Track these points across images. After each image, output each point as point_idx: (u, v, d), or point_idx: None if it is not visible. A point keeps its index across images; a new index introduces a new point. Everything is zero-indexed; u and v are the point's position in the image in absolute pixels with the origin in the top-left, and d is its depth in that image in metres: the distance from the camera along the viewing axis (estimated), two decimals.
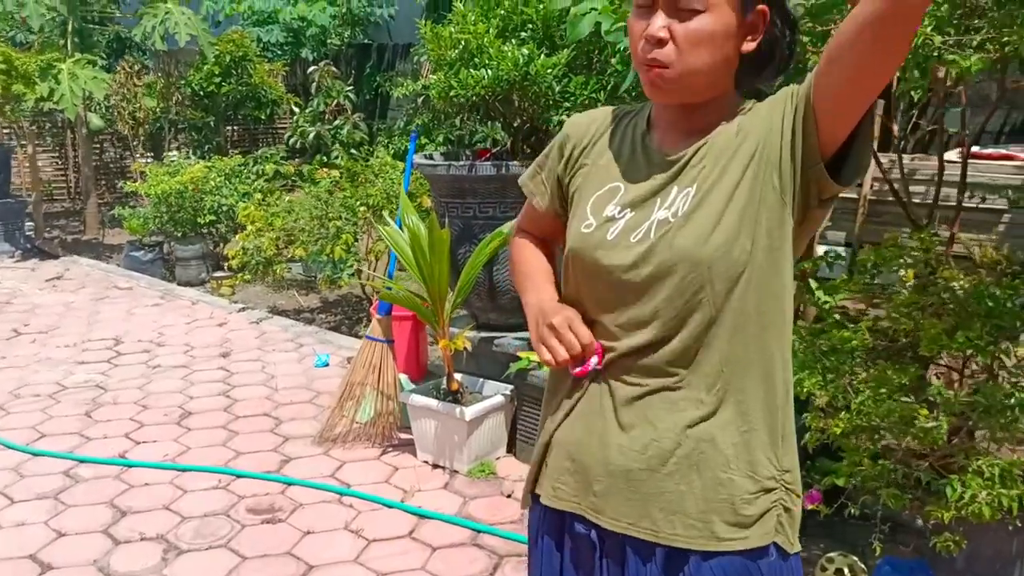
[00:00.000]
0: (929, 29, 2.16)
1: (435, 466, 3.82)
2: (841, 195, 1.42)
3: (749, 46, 1.31)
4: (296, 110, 8.87)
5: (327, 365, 5.15)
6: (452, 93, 3.73)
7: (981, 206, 4.17)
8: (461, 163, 3.86)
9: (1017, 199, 3.87)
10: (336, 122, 7.80)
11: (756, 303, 1.30)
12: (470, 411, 3.69)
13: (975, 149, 3.93)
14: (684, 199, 1.33)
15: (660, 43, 1.28)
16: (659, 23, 1.27)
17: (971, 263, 3.28)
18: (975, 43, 2.20)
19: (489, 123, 4.07)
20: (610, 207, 1.40)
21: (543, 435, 1.48)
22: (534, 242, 1.62)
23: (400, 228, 3.89)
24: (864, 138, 1.25)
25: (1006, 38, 2.13)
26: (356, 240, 5.83)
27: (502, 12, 3.84)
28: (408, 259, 3.74)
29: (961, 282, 2.70)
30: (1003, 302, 2.54)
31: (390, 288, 3.92)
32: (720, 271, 1.28)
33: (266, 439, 4.15)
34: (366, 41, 11.34)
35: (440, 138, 8.35)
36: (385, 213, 6.03)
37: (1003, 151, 4.40)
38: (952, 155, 4.07)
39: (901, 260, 2.84)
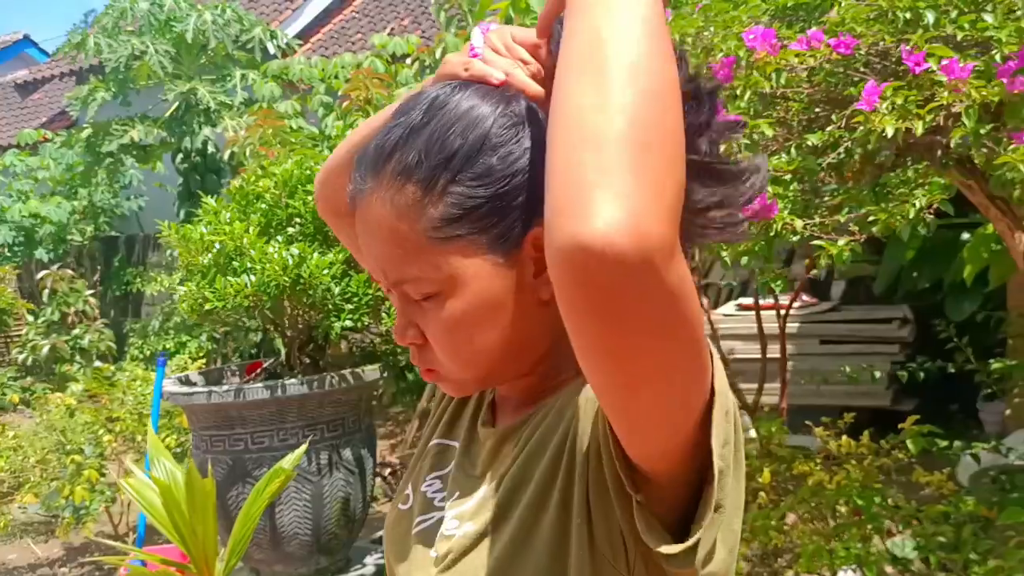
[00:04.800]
0: (787, 213, 1.81)
1: None
2: None
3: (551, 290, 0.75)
4: (32, 318, 7.76)
5: None
6: (208, 306, 3.07)
7: None
8: (225, 388, 3.16)
9: None
10: (75, 331, 6.78)
11: None
12: None
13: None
14: (483, 507, 0.84)
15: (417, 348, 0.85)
16: (399, 324, 0.84)
17: None
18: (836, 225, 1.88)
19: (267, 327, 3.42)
20: (432, 477, 0.95)
21: None
22: None
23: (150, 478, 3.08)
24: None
25: (872, 217, 1.82)
26: (103, 475, 4.84)
27: (264, 206, 3.27)
28: (162, 519, 2.92)
29: None
30: None
31: (142, 563, 3.05)
32: None
33: None
34: (113, 233, 10.36)
35: (204, 336, 7.56)
36: (139, 437, 5.14)
37: None
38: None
39: None
